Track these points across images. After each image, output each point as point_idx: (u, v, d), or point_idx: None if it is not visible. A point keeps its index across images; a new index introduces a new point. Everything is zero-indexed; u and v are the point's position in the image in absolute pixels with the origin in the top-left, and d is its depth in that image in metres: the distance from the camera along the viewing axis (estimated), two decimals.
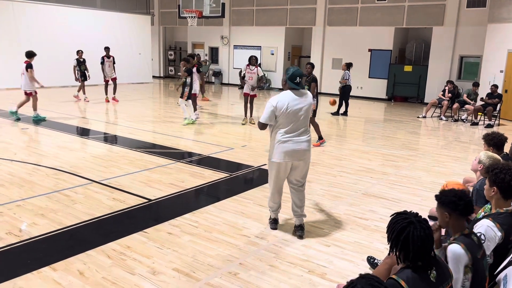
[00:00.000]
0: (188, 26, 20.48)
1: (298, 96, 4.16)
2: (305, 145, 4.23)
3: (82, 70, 13.92)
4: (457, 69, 15.91)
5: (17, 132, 9.00)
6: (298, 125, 4.16)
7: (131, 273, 3.59)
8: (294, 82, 4.18)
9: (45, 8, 17.87)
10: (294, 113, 4.10)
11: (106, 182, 5.95)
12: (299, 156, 4.21)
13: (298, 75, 4.18)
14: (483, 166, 3.82)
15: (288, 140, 4.16)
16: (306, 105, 4.20)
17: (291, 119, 4.11)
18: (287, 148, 4.16)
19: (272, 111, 4.12)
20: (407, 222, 2.19)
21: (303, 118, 4.17)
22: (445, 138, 10.41)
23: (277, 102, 4.11)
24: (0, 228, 4.34)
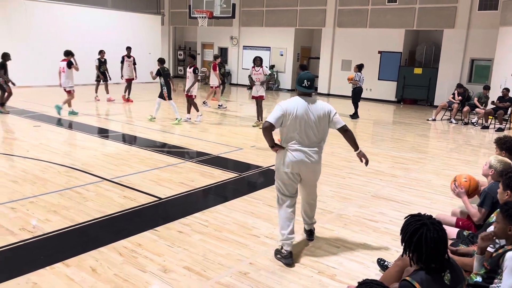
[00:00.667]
0: (198, 26, 20.58)
1: (309, 103, 3.83)
2: (316, 157, 3.89)
3: (102, 70, 13.86)
4: (468, 72, 15.81)
5: (29, 130, 9.11)
6: (307, 134, 3.81)
7: (143, 271, 3.63)
8: (302, 86, 3.89)
9: (57, 7, 18.05)
10: (304, 121, 3.77)
11: (117, 180, 6.01)
12: (309, 169, 3.90)
13: (306, 78, 3.89)
14: (494, 171, 3.80)
15: (298, 150, 3.83)
16: (318, 114, 3.81)
17: (301, 127, 3.78)
18: (296, 158, 3.83)
19: (281, 115, 3.77)
20: (420, 223, 2.20)
21: (314, 127, 3.81)
22: (455, 141, 10.35)
23: (287, 107, 3.79)
24: (14, 224, 4.40)
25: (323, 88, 19.34)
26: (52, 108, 11.17)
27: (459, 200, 5.31)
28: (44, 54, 17.27)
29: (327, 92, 19.21)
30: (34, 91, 15.97)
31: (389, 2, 16.91)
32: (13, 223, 4.42)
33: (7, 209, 4.80)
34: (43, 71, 17.26)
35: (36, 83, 17.10)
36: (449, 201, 5.70)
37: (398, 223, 4.82)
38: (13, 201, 5.03)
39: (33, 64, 17.02)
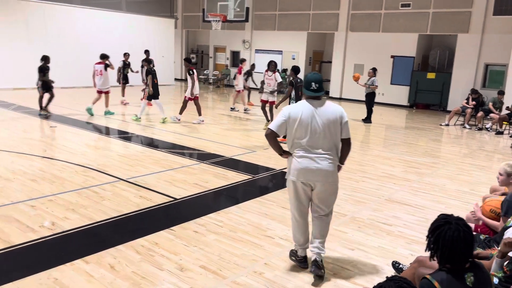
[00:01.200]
0: (210, 29, 20.73)
1: (317, 106, 3.53)
2: (324, 164, 3.52)
3: (125, 73, 13.96)
4: (482, 77, 15.68)
5: (46, 130, 9.27)
6: (315, 140, 3.51)
7: (160, 269, 3.69)
8: (310, 89, 3.58)
9: (73, 10, 18.36)
10: (310, 126, 3.49)
11: (132, 180, 6.10)
12: (317, 177, 3.52)
13: (314, 80, 3.58)
14: None
15: (303, 157, 3.54)
16: (327, 118, 3.50)
17: (306, 133, 3.50)
18: (301, 165, 3.54)
19: (283, 121, 3.55)
20: (444, 221, 2.22)
21: (323, 133, 3.49)
22: (468, 147, 10.28)
23: (290, 112, 3.56)
24: (34, 222, 4.51)
25: (335, 92, 19.33)
26: (67, 109, 11.34)
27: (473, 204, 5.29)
28: (60, 57, 17.53)
29: (339, 96, 19.20)
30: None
31: (402, 7, 16.88)
32: (34, 221, 4.53)
33: (27, 207, 4.91)
34: (60, 73, 17.51)
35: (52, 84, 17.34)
36: (464, 206, 5.69)
37: (412, 227, 4.86)
38: (33, 199, 5.15)
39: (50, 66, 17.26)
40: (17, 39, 16.42)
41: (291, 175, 3.63)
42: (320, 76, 3.66)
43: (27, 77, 16.60)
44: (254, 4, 20.93)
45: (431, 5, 16.22)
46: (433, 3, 16.17)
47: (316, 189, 3.59)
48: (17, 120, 10.30)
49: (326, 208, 3.70)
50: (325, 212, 3.71)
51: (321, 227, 3.72)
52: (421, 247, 4.34)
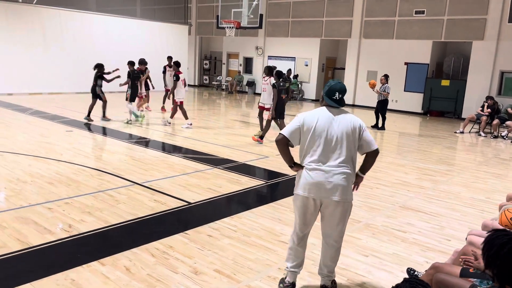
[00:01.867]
0: (223, 36, 20.91)
1: (335, 115, 3.24)
2: (338, 178, 3.15)
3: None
4: (497, 85, 15.51)
5: (62, 134, 9.42)
6: (330, 151, 3.18)
7: (174, 272, 3.72)
8: (332, 99, 3.27)
9: (89, 17, 18.69)
10: (325, 135, 3.18)
11: (147, 184, 6.16)
12: (331, 194, 3.16)
13: (338, 90, 3.27)
14: None
15: (316, 169, 3.19)
16: (345, 128, 3.19)
17: (320, 142, 3.19)
18: (314, 179, 3.18)
19: (297, 127, 3.24)
20: (508, 238, 2.06)
21: (340, 143, 3.17)
22: (484, 155, 10.17)
23: (305, 118, 3.25)
24: (52, 224, 4.58)
25: (348, 99, 19.25)
26: (83, 114, 11.50)
27: (490, 213, 5.24)
28: (76, 62, 17.85)
29: (352, 103, 19.16)
30: (65, 98, 16.50)
31: (416, 14, 16.82)
32: (51, 223, 4.60)
33: (44, 209, 4.99)
34: (75, 78, 17.85)
35: (68, 89, 17.68)
36: (479, 214, 5.63)
37: (427, 234, 4.83)
38: (50, 202, 5.23)
39: (66, 72, 17.62)
40: (34, 45, 16.77)
41: (301, 189, 3.25)
42: (345, 87, 3.33)
43: (44, 82, 17.00)
44: (268, 11, 21.07)
45: (446, 12, 16.15)
46: (447, 10, 16.09)
47: (328, 207, 3.22)
48: (34, 124, 10.48)
49: (336, 233, 3.33)
50: (335, 239, 3.36)
51: (331, 253, 3.42)
52: (436, 254, 4.32)
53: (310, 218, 3.33)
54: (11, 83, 16.21)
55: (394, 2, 17.36)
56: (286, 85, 9.62)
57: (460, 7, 15.79)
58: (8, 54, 16.09)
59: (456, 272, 2.96)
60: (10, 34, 16.14)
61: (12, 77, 16.20)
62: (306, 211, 3.28)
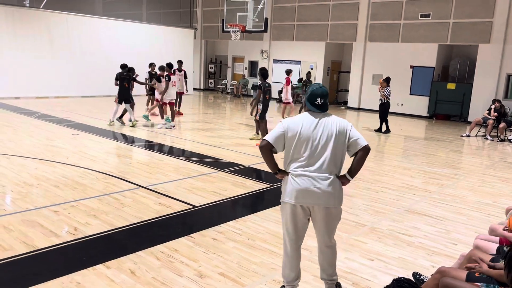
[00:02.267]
0: (229, 40, 20.96)
1: (319, 119, 3.16)
2: (325, 184, 3.10)
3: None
4: (504, 88, 15.42)
5: (68, 138, 9.48)
6: (316, 157, 3.11)
7: (179, 275, 3.72)
8: (314, 104, 3.19)
9: (95, 21, 18.85)
10: (310, 141, 3.11)
11: (152, 187, 6.18)
12: (318, 200, 3.12)
13: (320, 94, 3.18)
14: None
15: (302, 175, 3.13)
16: (330, 132, 3.12)
17: (306, 148, 3.12)
18: (300, 186, 3.12)
19: (282, 133, 3.16)
20: None
21: (325, 148, 3.11)
22: (490, 158, 10.10)
23: (289, 124, 3.18)
24: (57, 227, 4.60)
25: (353, 103, 19.27)
26: (88, 117, 11.58)
27: (497, 217, 5.20)
28: (83, 66, 17.99)
29: (357, 106, 19.12)
30: (72, 101, 16.61)
31: (422, 17, 16.79)
32: (57, 226, 4.62)
33: (50, 212, 5.02)
34: (82, 82, 17.99)
35: (74, 93, 17.81)
36: (486, 218, 5.58)
37: (433, 238, 4.80)
38: (56, 205, 5.26)
39: (72, 76, 17.75)
40: (41, 49, 16.92)
41: (288, 197, 3.17)
42: (327, 91, 3.23)
43: (50, 86, 17.13)
44: (273, 14, 21.12)
45: (451, 15, 16.10)
46: (453, 13, 16.04)
47: (317, 214, 3.17)
48: (40, 128, 10.56)
49: (327, 239, 3.30)
50: (327, 244, 3.32)
51: (329, 258, 3.39)
52: (442, 258, 4.29)
53: (302, 227, 3.25)
54: (18, 87, 16.35)
55: (399, 5, 17.34)
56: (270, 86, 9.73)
57: (466, 10, 15.74)
58: (15, 58, 16.25)
59: (462, 276, 2.93)
60: (17, 39, 16.30)
61: (19, 81, 16.34)
62: (296, 219, 3.21)
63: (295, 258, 3.33)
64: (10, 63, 16.13)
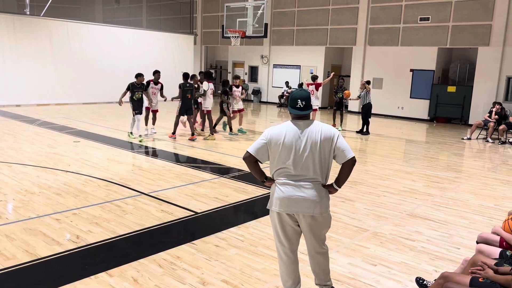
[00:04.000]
0: (229, 45, 21.02)
1: (303, 127, 3.11)
2: (310, 192, 3.08)
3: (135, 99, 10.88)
4: (504, 90, 15.44)
5: (70, 145, 9.49)
6: (301, 165, 3.09)
7: (182, 283, 3.71)
8: (296, 108, 3.14)
9: (95, 28, 18.92)
10: (294, 150, 3.08)
11: (154, 194, 6.18)
12: (303, 208, 3.09)
13: (299, 97, 3.13)
14: None
15: (286, 184, 3.13)
16: (314, 140, 3.07)
17: (290, 157, 3.09)
18: (284, 194, 3.12)
19: (263, 144, 3.15)
20: None
21: (310, 156, 3.07)
22: (492, 161, 10.09)
23: (272, 134, 3.14)
24: (59, 235, 4.60)
25: (353, 106, 19.27)
26: (90, 124, 11.60)
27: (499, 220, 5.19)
28: (83, 73, 18.05)
29: (358, 110, 19.11)
30: (73, 108, 16.64)
31: (421, 20, 16.83)
32: (59, 234, 4.62)
33: (52, 220, 5.02)
34: (82, 89, 18.05)
35: (74, 100, 17.85)
36: (488, 221, 5.57)
37: (436, 242, 4.79)
38: (58, 213, 5.26)
39: (73, 83, 17.80)
40: (41, 56, 16.97)
41: (274, 205, 3.18)
42: (308, 93, 3.17)
43: (51, 93, 17.17)
44: (273, 20, 21.19)
45: (451, 19, 16.14)
46: (452, 16, 16.09)
47: (303, 222, 3.15)
48: (41, 135, 10.57)
49: (317, 245, 3.26)
50: (316, 249, 3.29)
51: (320, 264, 3.37)
52: (445, 263, 4.28)
53: (292, 234, 3.23)
54: (19, 95, 16.39)
55: (398, 9, 17.40)
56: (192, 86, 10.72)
57: (465, 13, 15.78)
58: (16, 66, 16.31)
59: (466, 281, 2.93)
60: (18, 46, 16.36)
61: (20, 88, 16.39)
62: (285, 227, 3.21)
63: (290, 264, 3.30)
64: (11, 71, 16.19)
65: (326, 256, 3.39)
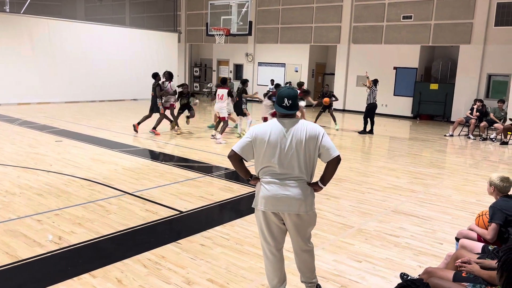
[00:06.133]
0: (213, 43, 20.94)
1: (288, 126, 3.10)
2: (295, 191, 3.08)
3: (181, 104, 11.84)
4: (485, 88, 15.71)
5: (51, 145, 9.33)
6: (285, 164, 3.08)
7: (167, 283, 3.68)
8: (282, 106, 3.13)
9: (77, 26, 18.62)
10: (279, 148, 3.06)
11: (138, 193, 6.11)
12: (287, 207, 3.09)
13: (286, 95, 3.12)
14: (494, 188, 3.80)
15: (271, 183, 3.12)
16: (299, 138, 3.06)
17: (275, 155, 3.08)
18: (269, 193, 3.11)
19: (248, 142, 3.14)
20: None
21: (295, 155, 3.06)
22: (473, 157, 10.26)
23: (257, 132, 3.13)
24: (41, 236, 4.51)
25: (338, 104, 19.34)
26: (72, 123, 11.42)
27: None
28: (65, 72, 17.76)
29: (342, 108, 19.24)
30: (55, 107, 16.36)
31: (404, 19, 17.01)
32: (40, 235, 4.53)
33: (33, 221, 4.92)
34: (64, 87, 17.76)
35: (56, 99, 17.56)
36: (471, 216, 5.65)
37: (420, 238, 4.84)
38: (39, 214, 5.16)
39: (55, 81, 17.50)
40: (22, 54, 16.64)
41: (259, 204, 3.17)
42: (295, 92, 3.16)
43: (32, 92, 16.86)
44: (257, 17, 21.17)
45: (433, 17, 16.35)
46: (434, 15, 16.30)
47: (288, 220, 3.15)
48: (22, 135, 10.37)
49: (302, 243, 3.26)
50: (301, 247, 3.29)
51: (306, 261, 3.37)
52: (429, 258, 4.33)
53: (278, 232, 3.23)
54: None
55: (382, 7, 17.55)
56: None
57: (447, 11, 16.01)
58: None
59: (449, 276, 2.96)
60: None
61: (0, 87, 16.04)
62: (270, 225, 3.21)
63: (276, 263, 3.29)
64: None
65: (312, 253, 3.39)
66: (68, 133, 10.88)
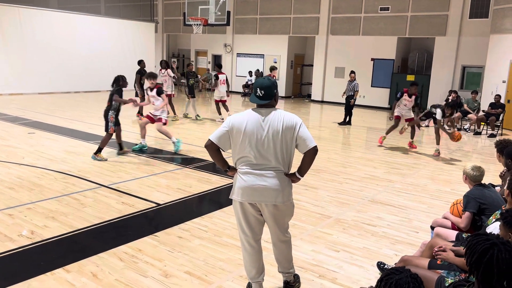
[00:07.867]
0: (191, 33, 20.67)
1: (264, 115, 3.05)
2: (271, 182, 3.05)
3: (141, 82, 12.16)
4: (460, 79, 16.02)
5: (24, 137, 9.06)
6: (262, 154, 3.04)
7: (144, 276, 3.62)
8: (256, 96, 3.10)
9: (50, 15, 18.05)
10: (255, 138, 3.02)
11: (114, 186, 6.00)
12: (264, 197, 3.06)
13: (259, 86, 3.08)
14: (467, 177, 3.88)
15: (248, 173, 3.09)
16: (276, 128, 3.01)
17: (251, 145, 3.04)
18: (246, 183, 3.07)
19: (225, 132, 3.09)
20: (490, 243, 1.96)
21: (271, 145, 3.02)
22: (448, 147, 10.46)
23: (233, 122, 3.08)
24: (12, 231, 4.38)
25: (316, 96, 19.46)
26: (45, 115, 11.11)
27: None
28: (37, 62, 17.22)
29: (320, 99, 19.33)
30: (27, 98, 15.89)
31: (381, 10, 17.13)
32: (11, 230, 4.40)
33: (4, 215, 4.77)
34: (36, 78, 17.23)
35: (29, 90, 17.03)
36: (445, 205, 5.76)
37: (396, 227, 4.91)
38: (11, 208, 5.00)
39: (26, 72, 16.96)
40: None
41: (235, 194, 3.14)
42: (269, 82, 3.10)
43: (3, 82, 16.31)
44: (235, 8, 20.96)
45: (409, 9, 16.52)
46: (411, 6, 16.47)
47: (265, 211, 3.12)
48: None
49: (279, 233, 3.25)
50: (279, 238, 3.28)
51: (284, 252, 3.35)
52: (405, 247, 4.40)
53: (255, 223, 3.19)
54: None
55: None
56: None
57: (423, 3, 16.19)
58: None
59: (424, 264, 3.00)
60: None
61: None
62: (247, 216, 3.17)
63: (254, 254, 3.26)
64: None
65: (289, 244, 3.38)
66: (41, 124, 10.58)
